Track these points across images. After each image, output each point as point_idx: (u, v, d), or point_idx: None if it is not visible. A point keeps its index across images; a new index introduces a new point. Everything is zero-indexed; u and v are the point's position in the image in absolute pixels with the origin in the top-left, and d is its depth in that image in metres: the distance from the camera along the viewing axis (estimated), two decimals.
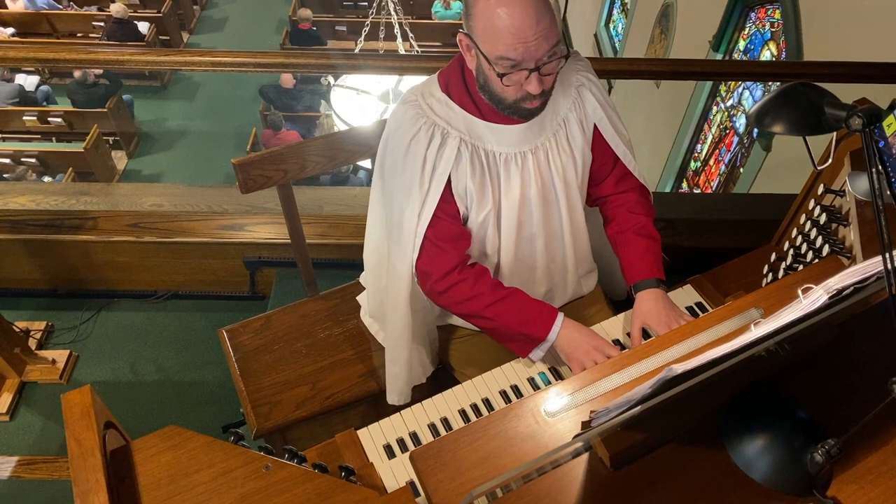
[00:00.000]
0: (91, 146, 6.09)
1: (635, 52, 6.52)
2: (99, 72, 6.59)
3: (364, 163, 4.07)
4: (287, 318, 1.91)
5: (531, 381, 1.50)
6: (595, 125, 1.48)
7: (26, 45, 6.57)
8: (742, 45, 4.66)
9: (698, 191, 5.28)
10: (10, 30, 7.61)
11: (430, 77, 1.45)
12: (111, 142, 6.73)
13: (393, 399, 1.68)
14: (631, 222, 1.55)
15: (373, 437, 1.41)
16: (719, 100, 4.99)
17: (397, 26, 4.11)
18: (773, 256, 1.63)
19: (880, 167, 0.97)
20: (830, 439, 0.94)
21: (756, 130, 4.24)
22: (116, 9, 7.31)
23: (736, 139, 4.67)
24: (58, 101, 7.10)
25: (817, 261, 1.46)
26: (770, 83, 3.99)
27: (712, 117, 5.10)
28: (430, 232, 1.41)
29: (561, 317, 1.44)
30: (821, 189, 1.54)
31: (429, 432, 1.42)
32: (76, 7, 8.31)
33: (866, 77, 2.31)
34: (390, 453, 1.39)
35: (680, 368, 0.84)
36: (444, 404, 1.47)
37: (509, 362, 1.53)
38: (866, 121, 0.95)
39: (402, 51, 4.44)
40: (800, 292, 0.96)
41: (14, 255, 2.62)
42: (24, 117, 6.50)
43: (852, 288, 0.96)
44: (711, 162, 5.07)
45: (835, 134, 1.44)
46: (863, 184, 1.40)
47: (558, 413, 1.14)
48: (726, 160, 4.81)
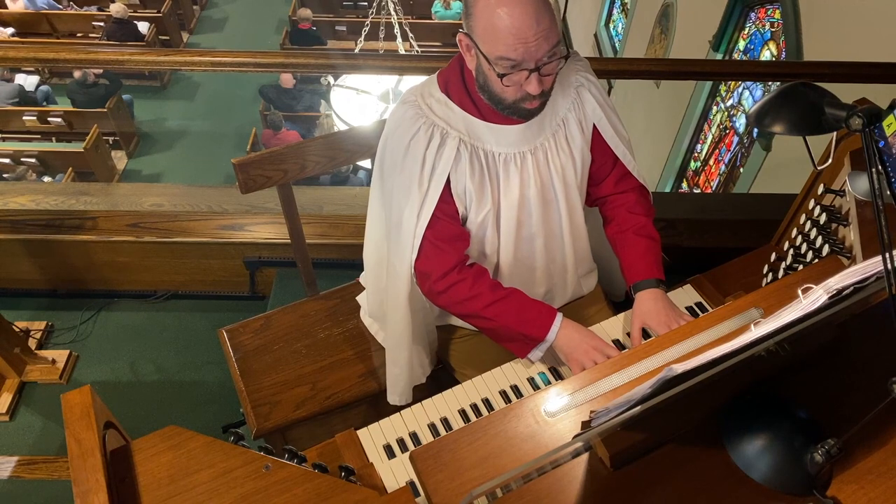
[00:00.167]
0: (91, 146, 6.09)
1: (635, 52, 6.51)
2: (99, 72, 6.59)
3: (364, 163, 4.06)
4: (287, 318, 1.91)
5: (531, 381, 1.50)
6: (594, 125, 1.49)
7: (26, 45, 6.58)
8: (742, 45, 4.66)
9: (698, 191, 5.28)
10: (10, 30, 7.61)
11: (429, 77, 1.45)
12: (111, 142, 6.73)
13: (394, 399, 1.68)
14: (630, 222, 1.55)
15: (373, 437, 1.41)
16: (719, 100, 4.99)
17: (397, 26, 4.11)
18: (773, 256, 1.63)
19: (880, 167, 0.97)
20: (830, 439, 0.94)
21: (756, 130, 4.24)
22: (116, 9, 7.31)
23: (736, 139, 4.67)
24: (58, 101, 7.11)
25: (817, 261, 1.46)
26: (770, 83, 3.99)
27: (712, 117, 5.10)
28: (428, 232, 1.41)
29: (560, 317, 1.44)
30: (821, 189, 1.54)
31: (429, 432, 1.42)
32: (76, 7, 8.31)
33: (866, 77, 2.31)
34: (390, 453, 1.39)
35: (680, 368, 0.84)
36: (444, 404, 1.47)
37: (509, 362, 1.53)
38: (866, 121, 0.95)
39: (402, 51, 4.44)
40: (800, 292, 0.96)
41: (14, 255, 2.62)
42: (24, 117, 6.50)
43: (852, 288, 0.96)
44: (711, 162, 5.07)
45: (835, 134, 1.44)
46: (863, 184, 1.40)
47: (558, 413, 1.14)
48: (726, 160, 4.81)
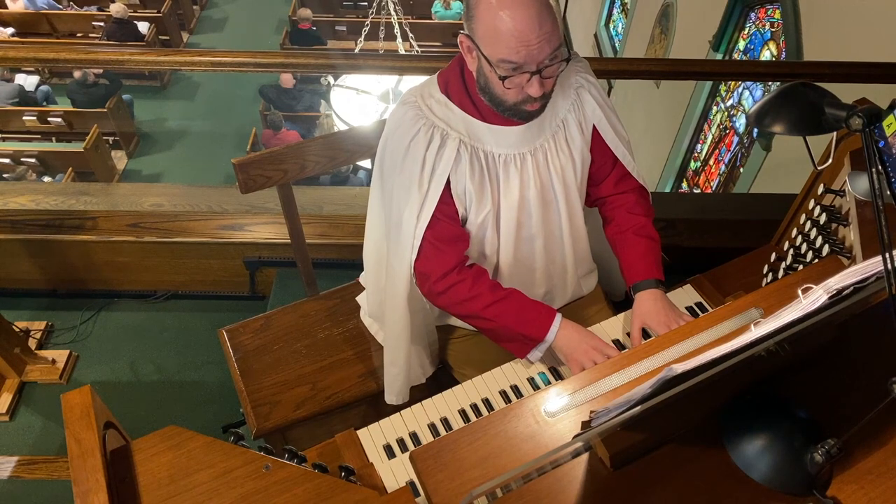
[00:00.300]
0: (91, 146, 6.09)
1: (635, 52, 6.51)
2: (99, 72, 6.59)
3: (364, 163, 4.06)
4: (287, 318, 1.91)
5: (531, 381, 1.50)
6: (594, 126, 1.49)
7: (26, 45, 6.60)
8: (742, 45, 4.66)
9: (698, 191, 5.28)
10: (10, 30, 7.61)
11: (429, 78, 1.45)
12: (111, 142, 6.73)
13: (391, 399, 1.68)
14: (630, 223, 1.55)
15: (373, 437, 1.41)
16: (719, 100, 4.99)
17: (397, 26, 4.11)
18: (773, 256, 1.63)
19: (880, 167, 0.97)
20: (830, 439, 0.94)
21: (756, 130, 4.24)
22: (116, 9, 7.31)
23: (736, 139, 4.67)
24: (58, 101, 7.11)
25: (817, 261, 1.46)
26: (770, 83, 3.99)
27: (712, 117, 5.10)
28: (428, 233, 1.41)
29: (559, 317, 1.44)
30: (821, 189, 1.54)
31: (429, 432, 1.42)
32: (76, 7, 8.31)
33: (866, 77, 2.31)
34: (390, 453, 1.39)
35: (680, 368, 0.84)
36: (444, 404, 1.46)
37: (509, 362, 1.53)
38: (866, 121, 0.95)
39: (402, 51, 4.44)
40: (800, 292, 0.96)
41: (14, 255, 2.62)
42: (24, 117, 6.50)
43: (852, 288, 0.96)
44: (711, 162, 5.07)
45: (835, 134, 1.44)
46: (863, 184, 1.40)
47: (558, 413, 1.14)
48: (726, 160, 4.81)
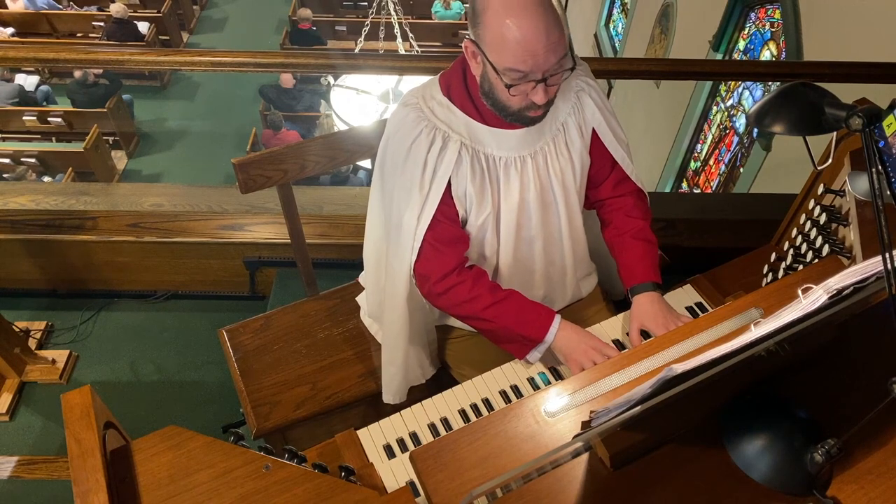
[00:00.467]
0: (91, 146, 6.09)
1: (635, 52, 6.51)
2: (99, 72, 6.59)
3: (364, 163, 4.06)
4: (287, 318, 1.91)
5: (531, 381, 1.50)
6: (594, 129, 1.49)
7: (26, 45, 6.60)
8: (742, 45, 4.66)
9: (698, 191, 5.28)
10: (10, 30, 7.61)
11: (430, 79, 1.45)
12: (111, 142, 6.73)
13: (388, 398, 1.69)
14: (628, 226, 1.55)
15: (373, 437, 1.41)
16: (719, 100, 4.99)
17: (397, 26, 4.11)
18: (773, 256, 1.63)
19: (880, 167, 0.97)
20: (830, 439, 0.94)
21: (756, 130, 4.24)
22: (116, 9, 7.31)
23: (736, 139, 4.67)
24: (58, 101, 7.11)
25: (817, 261, 1.46)
26: (770, 83, 3.99)
27: (712, 117, 5.10)
28: (429, 234, 1.41)
29: (558, 318, 1.45)
30: (821, 189, 1.54)
31: (429, 432, 1.42)
32: (76, 7, 8.31)
33: (866, 77, 2.31)
34: (390, 453, 1.39)
35: (680, 368, 0.84)
36: (444, 404, 1.47)
37: (509, 362, 1.53)
38: (866, 121, 0.95)
39: (402, 51, 4.44)
40: (800, 292, 0.96)
41: (14, 255, 2.62)
42: (24, 117, 6.50)
43: (852, 288, 0.96)
44: (711, 162, 5.07)
45: (835, 134, 1.44)
46: (863, 184, 1.40)
47: (558, 413, 1.14)
48: (726, 160, 4.81)
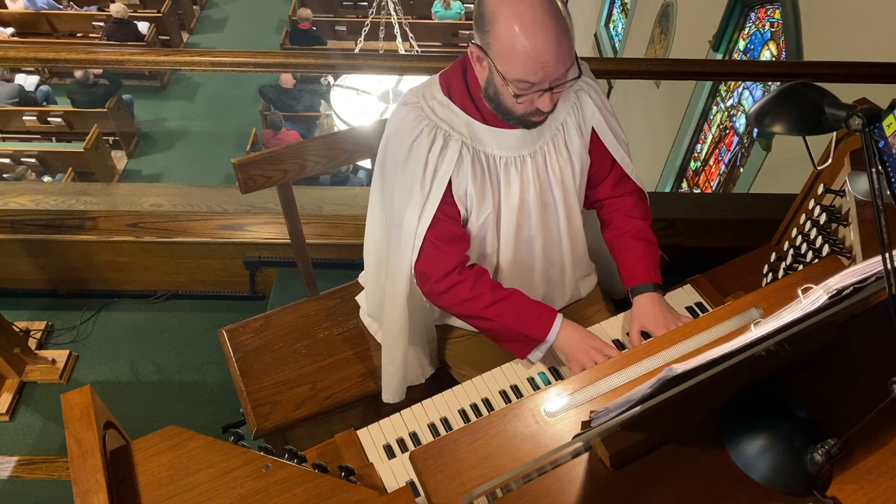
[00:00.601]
0: (91, 146, 6.09)
1: (635, 52, 6.51)
2: (99, 72, 6.59)
3: (364, 163, 4.07)
4: (287, 318, 1.91)
5: (531, 381, 1.50)
6: (593, 129, 1.49)
7: (26, 45, 6.60)
8: (742, 45, 4.66)
9: (698, 191, 5.27)
10: (10, 30, 7.61)
11: (430, 78, 1.45)
12: (111, 142, 6.73)
13: (388, 398, 1.69)
14: (628, 226, 1.55)
15: (373, 437, 1.41)
16: (719, 100, 4.99)
17: (397, 26, 4.11)
18: (773, 256, 1.63)
19: (880, 167, 0.97)
20: (830, 439, 0.94)
21: (756, 130, 4.24)
22: (116, 9, 7.31)
23: (736, 139, 4.67)
24: (57, 101, 7.11)
25: (817, 261, 1.46)
26: (770, 83, 3.99)
27: (712, 117, 5.10)
28: (430, 233, 1.41)
29: (560, 317, 1.44)
30: (821, 189, 1.54)
31: (429, 432, 1.42)
32: (76, 7, 8.31)
33: (866, 77, 2.31)
34: (390, 453, 1.39)
35: (680, 368, 0.84)
36: (444, 404, 1.46)
37: (509, 362, 1.53)
38: (866, 121, 0.95)
39: (402, 51, 4.44)
40: (800, 292, 0.96)
41: (14, 255, 2.62)
42: (24, 117, 6.50)
43: (852, 288, 0.96)
44: (711, 162, 5.07)
45: (835, 134, 1.44)
46: (863, 184, 1.40)
47: (558, 413, 1.14)
48: (726, 160, 4.80)
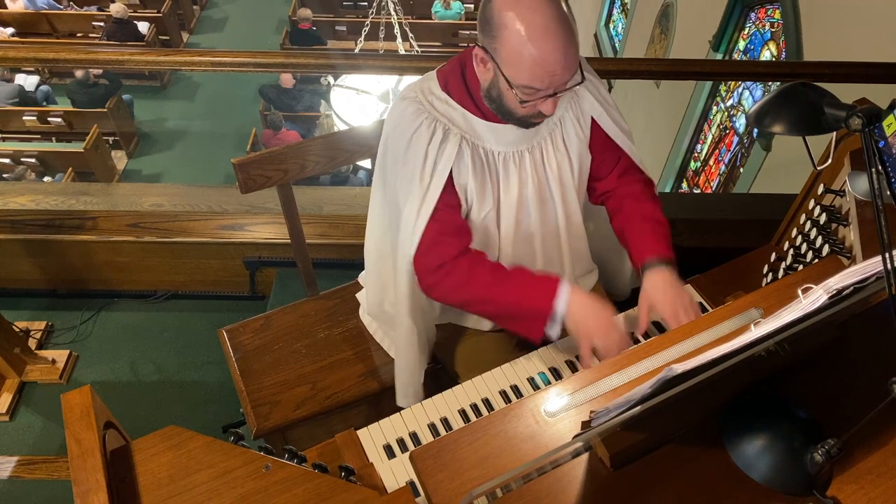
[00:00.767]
0: (91, 146, 6.09)
1: (635, 52, 6.51)
2: (99, 72, 6.59)
3: (364, 163, 4.07)
4: (287, 318, 1.91)
5: (531, 381, 1.50)
6: (593, 120, 1.48)
7: (26, 45, 6.60)
8: (742, 45, 4.66)
9: (698, 191, 5.28)
10: (10, 30, 7.61)
11: (427, 74, 1.45)
12: (111, 142, 6.73)
13: (406, 402, 1.65)
14: (637, 209, 1.52)
15: (373, 437, 1.41)
16: (719, 100, 4.99)
17: (397, 26, 4.11)
18: (773, 256, 1.63)
19: (880, 167, 0.96)
20: (830, 439, 0.94)
21: (756, 130, 4.24)
22: (116, 9, 7.31)
23: (736, 139, 4.67)
24: (57, 101, 7.11)
25: (817, 261, 1.46)
26: (770, 83, 3.99)
27: (712, 117, 5.10)
28: (430, 225, 1.40)
29: (566, 283, 1.38)
30: (821, 189, 1.54)
31: (429, 432, 1.42)
32: (76, 7, 8.31)
33: (866, 77, 2.31)
34: (390, 453, 1.39)
35: (680, 368, 0.84)
36: (444, 404, 1.46)
37: (509, 362, 1.53)
38: (866, 121, 0.95)
39: (402, 51, 4.44)
40: (800, 292, 0.95)
41: (14, 255, 2.62)
42: (24, 117, 6.50)
43: (852, 288, 0.96)
44: (711, 162, 5.07)
45: (835, 134, 1.44)
46: (863, 184, 1.40)
47: (558, 413, 1.14)
48: (726, 160, 4.81)
